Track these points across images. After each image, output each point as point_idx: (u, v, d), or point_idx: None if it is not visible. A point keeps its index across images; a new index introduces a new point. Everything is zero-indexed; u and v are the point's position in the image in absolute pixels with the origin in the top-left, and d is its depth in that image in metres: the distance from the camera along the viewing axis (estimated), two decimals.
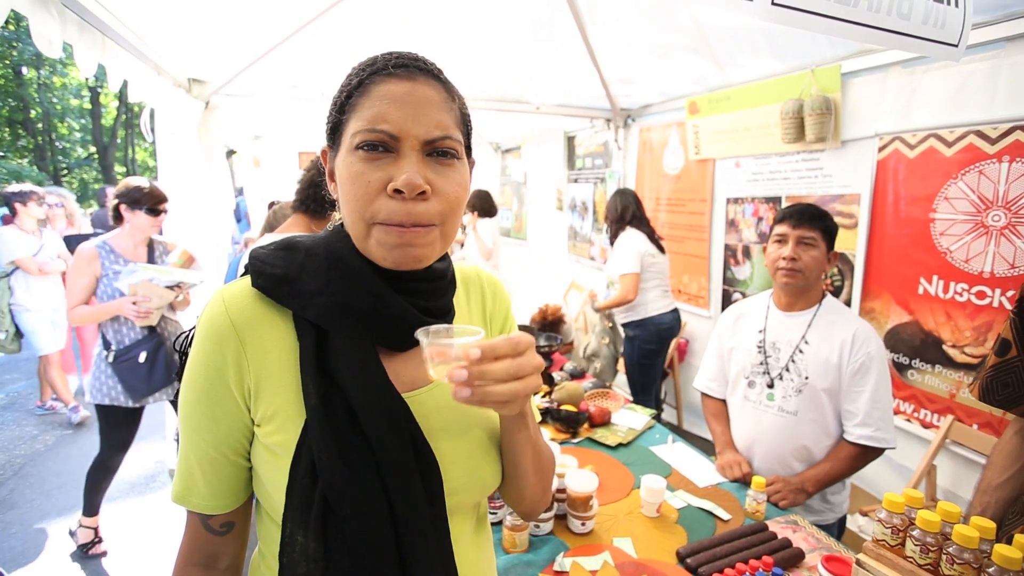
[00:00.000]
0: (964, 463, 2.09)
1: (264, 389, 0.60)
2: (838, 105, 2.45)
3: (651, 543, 1.28)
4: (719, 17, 2.47)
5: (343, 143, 0.59)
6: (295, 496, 0.57)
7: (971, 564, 0.84)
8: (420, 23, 2.66)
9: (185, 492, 0.63)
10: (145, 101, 2.54)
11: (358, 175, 0.57)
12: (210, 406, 0.60)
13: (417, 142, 0.57)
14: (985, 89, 1.95)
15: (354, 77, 0.60)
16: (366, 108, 0.57)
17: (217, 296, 0.62)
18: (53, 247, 3.82)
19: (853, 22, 0.99)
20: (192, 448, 0.62)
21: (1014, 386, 1.10)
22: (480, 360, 0.52)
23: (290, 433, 0.58)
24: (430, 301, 0.65)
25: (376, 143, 0.56)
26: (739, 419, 1.69)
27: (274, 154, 5.65)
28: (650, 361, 3.12)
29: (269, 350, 0.61)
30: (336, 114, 0.61)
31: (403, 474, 0.58)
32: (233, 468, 0.63)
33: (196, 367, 0.60)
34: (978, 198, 1.99)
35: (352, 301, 0.60)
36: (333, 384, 0.59)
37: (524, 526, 1.24)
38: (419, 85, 0.58)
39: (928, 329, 2.19)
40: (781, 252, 1.55)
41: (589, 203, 4.74)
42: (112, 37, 2.05)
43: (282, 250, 0.64)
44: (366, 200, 0.57)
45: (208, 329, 0.60)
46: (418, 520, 0.58)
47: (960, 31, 1.15)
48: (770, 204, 2.97)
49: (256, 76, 2.92)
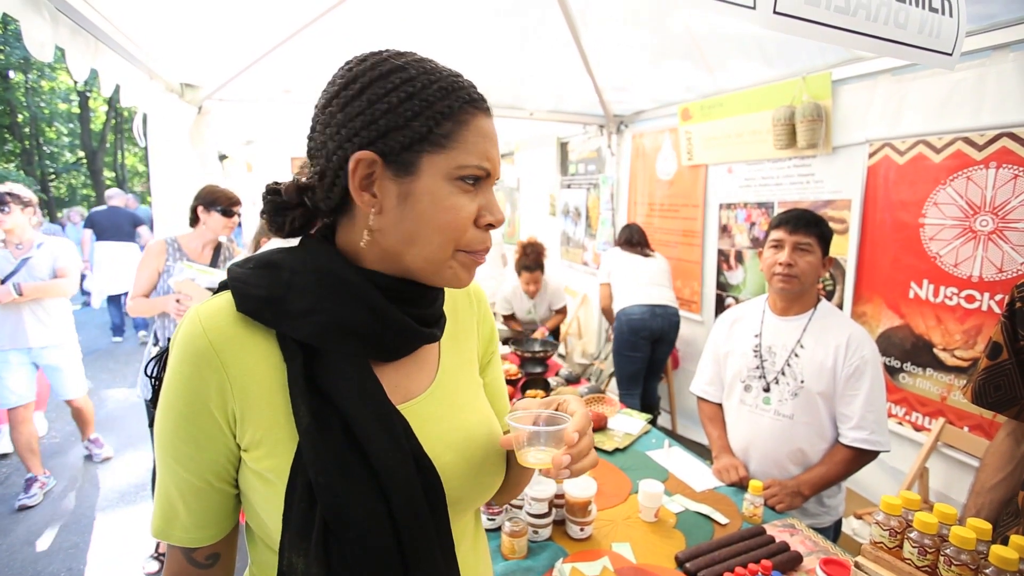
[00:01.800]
0: (956, 465, 2.11)
1: (250, 412, 0.57)
2: (829, 112, 2.48)
3: (650, 548, 1.28)
4: (711, 24, 2.50)
5: (425, 167, 0.57)
6: (292, 523, 0.54)
7: (968, 565, 0.85)
8: (414, 28, 2.67)
9: (166, 525, 0.60)
10: (137, 106, 2.53)
11: (457, 206, 0.58)
12: (191, 432, 0.57)
13: (495, 180, 0.63)
14: (972, 97, 1.98)
15: (442, 102, 0.57)
16: (471, 143, 0.58)
17: (192, 316, 0.58)
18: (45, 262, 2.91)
19: (852, 31, 1.01)
20: (172, 478, 0.59)
21: (1006, 388, 1.11)
22: (577, 442, 0.60)
23: (282, 457, 0.56)
24: (423, 308, 0.64)
25: (479, 178, 0.60)
26: (735, 423, 1.70)
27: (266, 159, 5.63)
28: (627, 350, 3.23)
29: (253, 371, 0.57)
30: (407, 133, 0.56)
31: (406, 490, 0.57)
32: (218, 496, 0.60)
33: (174, 392, 0.57)
34: (966, 203, 2.02)
35: (347, 318, 0.59)
36: (326, 402, 0.57)
37: (523, 532, 1.23)
38: (492, 122, 0.63)
39: (919, 333, 2.21)
40: (777, 258, 1.56)
41: (582, 208, 4.76)
42: (105, 41, 2.04)
43: (262, 268, 0.61)
44: (460, 229, 0.59)
45: (185, 352, 0.56)
46: (423, 535, 0.57)
47: (954, 40, 1.18)
48: (763, 209, 3.00)
49: (249, 81, 2.91)
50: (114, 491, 3.01)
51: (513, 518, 1.26)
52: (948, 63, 1.21)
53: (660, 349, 3.28)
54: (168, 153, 2.79)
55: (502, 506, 1.32)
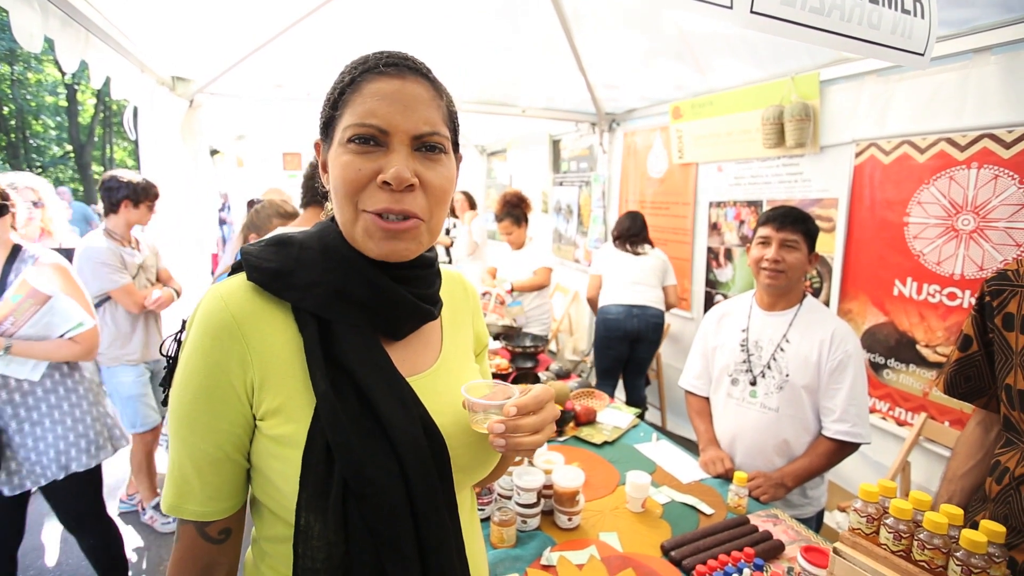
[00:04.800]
0: (937, 459, 2.15)
1: (269, 382, 0.60)
2: (817, 112, 2.52)
3: (636, 537, 1.30)
4: (702, 25, 2.52)
5: (335, 137, 0.62)
6: (310, 484, 0.57)
7: (940, 549, 0.88)
8: (407, 25, 2.68)
9: (179, 500, 0.61)
10: (128, 99, 2.51)
11: (348, 164, 0.59)
12: (209, 403, 0.59)
13: (406, 137, 0.60)
14: (954, 98, 2.02)
15: (347, 75, 0.63)
16: (358, 104, 0.60)
17: (213, 292, 0.62)
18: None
19: (826, 31, 1.04)
20: (188, 451, 0.60)
21: (976, 379, 1.15)
22: (515, 416, 0.61)
23: (300, 422, 0.59)
24: (421, 288, 0.68)
25: (367, 137, 0.59)
26: (722, 415, 1.73)
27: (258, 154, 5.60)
28: (603, 348, 3.29)
29: (271, 343, 0.61)
30: (329, 110, 0.64)
31: (416, 451, 0.60)
32: (234, 467, 0.62)
33: (194, 365, 0.59)
34: (949, 203, 2.06)
35: (350, 288, 0.62)
36: (341, 370, 0.60)
37: (512, 521, 1.25)
38: (408, 83, 0.61)
39: (903, 329, 2.25)
40: (765, 254, 1.59)
41: (574, 206, 4.78)
42: (95, 33, 2.03)
43: (274, 245, 0.65)
44: (355, 188, 0.60)
45: (207, 325, 0.59)
46: (432, 495, 0.61)
47: (926, 41, 1.22)
48: (752, 208, 3.04)
49: (241, 75, 2.90)
50: None
51: (502, 507, 1.27)
52: (920, 63, 1.25)
53: (640, 349, 3.25)
54: (159, 147, 2.78)
55: (488, 487, 1.36)
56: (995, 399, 1.13)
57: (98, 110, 17.01)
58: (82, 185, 16.41)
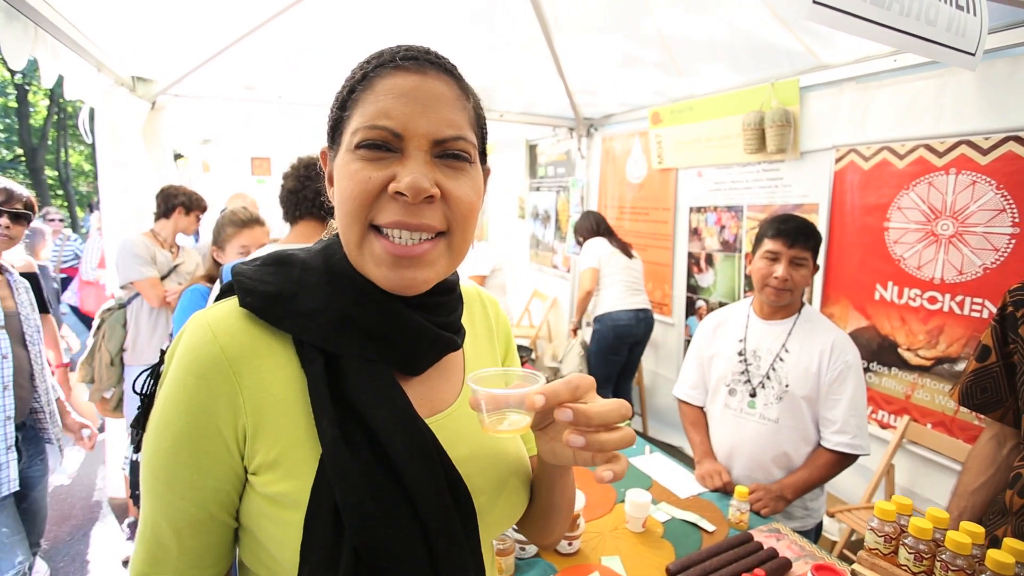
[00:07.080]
0: (920, 461, 2.18)
1: (264, 430, 0.50)
2: (797, 117, 2.53)
3: (639, 560, 1.24)
4: (683, 29, 2.52)
5: (343, 142, 0.53)
6: (314, 554, 0.47)
7: (965, 570, 0.85)
8: (381, 26, 2.59)
9: (151, 568, 0.52)
10: (83, 100, 2.35)
11: (355, 174, 0.50)
12: (192, 454, 0.50)
13: (425, 141, 0.50)
14: (932, 105, 2.05)
15: (358, 71, 0.54)
16: (369, 103, 0.50)
17: (199, 321, 0.52)
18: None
19: (886, 25, 1.01)
20: (164, 509, 0.51)
21: (992, 391, 1.13)
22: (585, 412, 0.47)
23: (302, 479, 0.49)
24: (441, 316, 0.58)
25: (378, 141, 0.50)
26: (719, 427, 1.70)
27: (225, 160, 5.38)
28: (609, 353, 3.25)
29: (268, 382, 0.51)
30: (337, 111, 0.54)
31: (442, 511, 0.51)
32: (219, 529, 0.53)
33: (174, 407, 0.50)
34: (928, 208, 2.09)
35: (360, 316, 0.53)
36: (351, 414, 0.50)
37: (510, 549, 1.18)
38: (429, 79, 0.51)
39: (884, 333, 2.27)
40: (774, 271, 1.54)
41: (551, 211, 4.75)
42: (46, 28, 1.87)
43: (271, 265, 0.55)
44: (364, 202, 0.50)
45: (192, 360, 0.50)
46: (459, 560, 0.52)
47: (978, 39, 1.20)
48: (732, 213, 3.04)
49: (208, 76, 2.76)
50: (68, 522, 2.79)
51: (500, 536, 1.20)
52: (971, 63, 1.22)
53: (636, 351, 3.33)
54: (118, 151, 2.61)
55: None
56: (1012, 412, 1.11)
57: (51, 112, 16.24)
58: (35, 191, 15.63)
